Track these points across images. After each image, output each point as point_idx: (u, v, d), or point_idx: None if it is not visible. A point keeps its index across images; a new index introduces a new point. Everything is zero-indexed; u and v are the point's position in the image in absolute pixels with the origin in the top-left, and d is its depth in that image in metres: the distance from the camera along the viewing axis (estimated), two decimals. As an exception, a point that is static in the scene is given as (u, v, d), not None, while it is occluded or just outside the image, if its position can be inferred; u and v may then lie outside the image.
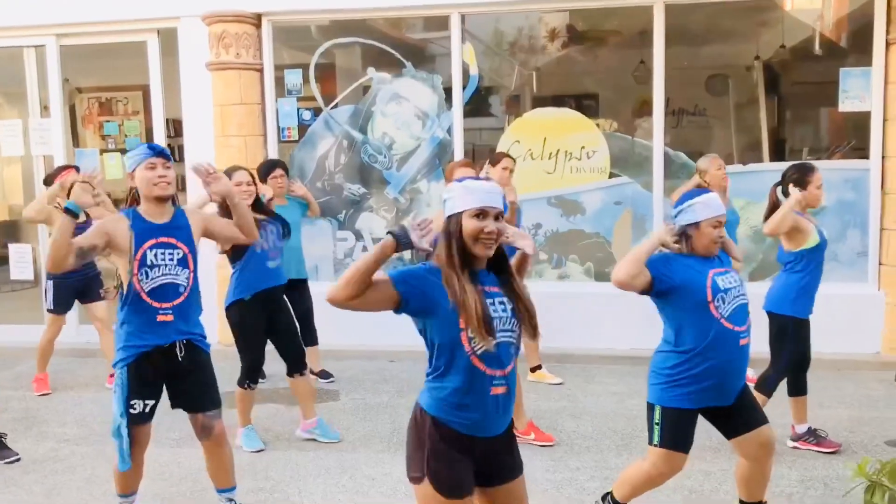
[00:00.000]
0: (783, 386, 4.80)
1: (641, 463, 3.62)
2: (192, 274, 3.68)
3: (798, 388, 4.83)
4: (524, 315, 2.59)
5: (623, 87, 8.72)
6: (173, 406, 3.79)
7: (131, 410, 3.59)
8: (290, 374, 5.11)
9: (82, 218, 6.14)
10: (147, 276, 3.55)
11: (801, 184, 4.63)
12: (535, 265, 7.26)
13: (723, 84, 9.23)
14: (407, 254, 6.17)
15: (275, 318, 5.03)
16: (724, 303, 3.37)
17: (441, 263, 2.54)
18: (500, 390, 2.56)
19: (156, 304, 3.57)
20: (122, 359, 3.62)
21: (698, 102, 9.28)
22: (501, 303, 2.57)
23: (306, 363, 5.20)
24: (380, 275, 2.50)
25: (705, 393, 3.41)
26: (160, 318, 3.58)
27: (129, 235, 3.55)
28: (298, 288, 6.11)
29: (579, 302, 7.03)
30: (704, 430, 3.76)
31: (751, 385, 4.75)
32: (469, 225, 2.51)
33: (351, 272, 2.45)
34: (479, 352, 2.50)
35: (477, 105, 7.92)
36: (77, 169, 6.38)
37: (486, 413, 2.55)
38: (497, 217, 2.55)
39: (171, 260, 3.60)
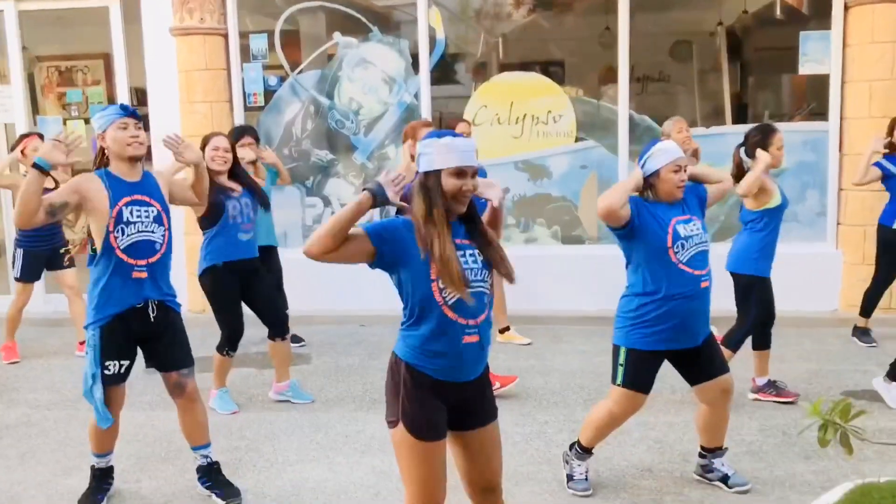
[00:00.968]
0: (746, 342, 4.94)
1: (604, 402, 3.75)
2: (167, 232, 3.69)
3: (762, 343, 4.98)
4: (498, 261, 2.65)
5: (589, 53, 8.77)
6: (148, 366, 3.83)
7: (105, 371, 3.60)
8: (272, 337, 5.15)
9: (50, 183, 6.16)
10: (123, 233, 3.55)
11: (763, 145, 4.74)
12: (503, 229, 7.34)
13: (686, 50, 9.33)
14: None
15: (250, 286, 5.03)
16: (683, 249, 3.50)
17: (416, 218, 2.58)
18: (472, 339, 2.61)
19: (131, 261, 3.57)
20: (96, 320, 3.61)
21: (663, 69, 9.38)
22: (472, 255, 2.63)
23: (288, 328, 5.24)
24: (356, 229, 2.56)
25: (668, 334, 3.53)
26: (135, 274, 3.58)
27: (105, 193, 3.54)
28: (268, 255, 6.10)
29: (547, 264, 7.13)
30: (669, 384, 3.90)
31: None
32: (449, 184, 2.56)
33: (328, 226, 2.50)
34: (450, 302, 2.56)
35: (444, 72, 7.94)
36: (41, 136, 6.32)
37: (458, 360, 2.62)
38: (474, 175, 2.60)
39: (147, 217, 3.61)
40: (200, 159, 3.96)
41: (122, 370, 3.67)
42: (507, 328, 6.49)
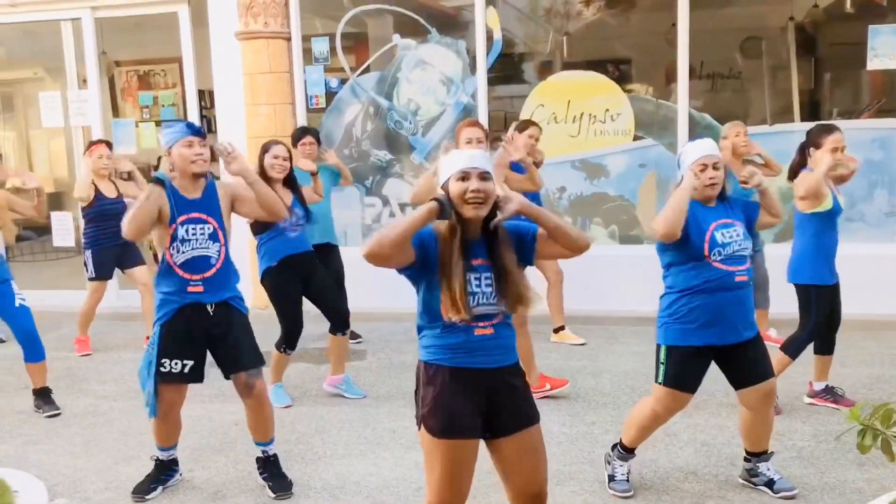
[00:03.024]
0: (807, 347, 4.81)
1: (647, 400, 3.74)
2: (223, 247, 3.82)
3: (825, 348, 4.84)
4: (507, 290, 2.62)
5: (656, 50, 8.65)
6: (225, 375, 3.89)
7: (161, 369, 3.76)
8: (333, 331, 5.27)
9: (114, 194, 6.41)
10: (178, 251, 3.71)
11: (816, 145, 4.62)
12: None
13: (756, 46, 9.11)
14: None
15: (311, 281, 5.18)
16: (719, 255, 3.47)
17: (438, 234, 2.63)
18: (485, 331, 2.63)
19: (186, 276, 3.73)
20: (158, 318, 3.81)
21: (733, 65, 9.18)
22: (487, 277, 2.63)
23: (349, 324, 5.35)
24: None
25: (703, 327, 3.50)
26: (191, 289, 3.74)
27: (167, 206, 3.71)
28: (329, 253, 6.22)
29: (603, 264, 7.04)
30: (723, 387, 3.84)
31: (775, 346, 4.81)
32: (454, 188, 2.60)
33: (396, 232, 2.50)
34: (454, 321, 2.58)
35: (505, 71, 7.95)
36: (109, 144, 6.58)
37: (474, 350, 2.63)
38: (482, 178, 2.60)
39: (203, 234, 3.75)
40: (244, 171, 3.86)
41: (184, 370, 3.79)
42: (562, 327, 6.47)
